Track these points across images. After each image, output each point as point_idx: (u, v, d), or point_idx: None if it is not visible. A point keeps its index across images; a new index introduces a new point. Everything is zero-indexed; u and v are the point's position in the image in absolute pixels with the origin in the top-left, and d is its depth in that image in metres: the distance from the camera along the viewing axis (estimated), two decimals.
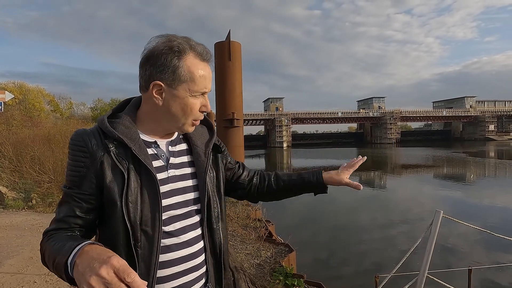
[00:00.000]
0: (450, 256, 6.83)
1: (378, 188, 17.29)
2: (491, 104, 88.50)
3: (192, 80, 0.89)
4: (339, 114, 79.22)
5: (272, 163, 35.11)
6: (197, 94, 0.91)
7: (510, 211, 10.91)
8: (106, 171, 0.84)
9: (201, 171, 0.99)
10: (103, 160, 0.84)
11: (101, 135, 0.87)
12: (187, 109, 0.91)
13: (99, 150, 0.85)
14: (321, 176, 1.26)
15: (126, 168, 0.85)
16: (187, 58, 0.88)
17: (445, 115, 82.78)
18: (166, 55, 0.87)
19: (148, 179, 0.87)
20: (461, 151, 39.91)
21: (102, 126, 0.88)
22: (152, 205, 0.86)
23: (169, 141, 0.99)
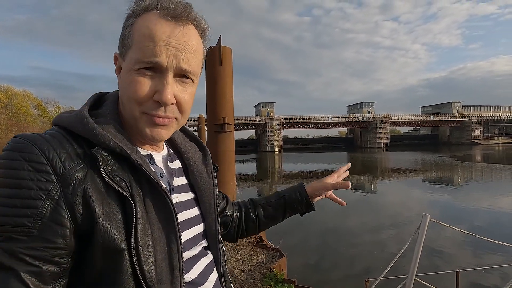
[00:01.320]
0: (438, 259, 6.92)
1: (368, 192, 17.46)
2: (477, 109, 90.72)
3: (135, 42, 0.59)
4: (329, 119, 79.99)
5: (264, 168, 35.12)
6: (140, 67, 0.58)
7: (495, 213, 11.14)
8: (94, 203, 0.52)
9: (207, 195, 0.75)
10: (86, 186, 0.52)
11: (79, 142, 0.56)
12: (129, 89, 0.59)
13: (76, 168, 0.53)
14: (304, 190, 1.02)
15: (128, 192, 0.55)
16: (145, 15, 0.59)
17: (432, 120, 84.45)
18: (127, 17, 0.62)
19: (159, 208, 0.59)
20: (449, 155, 40.67)
21: (82, 127, 0.57)
22: (168, 247, 0.59)
23: (165, 156, 0.72)
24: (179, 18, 0.59)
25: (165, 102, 0.59)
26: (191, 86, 0.64)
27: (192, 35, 0.61)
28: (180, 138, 0.80)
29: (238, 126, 74.04)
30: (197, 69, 0.63)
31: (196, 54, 0.62)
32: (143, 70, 0.58)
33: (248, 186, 20.21)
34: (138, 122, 0.61)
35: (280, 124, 73.15)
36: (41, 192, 0.49)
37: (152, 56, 0.57)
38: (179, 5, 0.59)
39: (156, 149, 0.70)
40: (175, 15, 0.59)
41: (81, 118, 0.57)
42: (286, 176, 26.50)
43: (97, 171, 0.54)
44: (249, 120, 74.99)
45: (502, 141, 77.20)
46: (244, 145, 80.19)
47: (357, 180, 22.78)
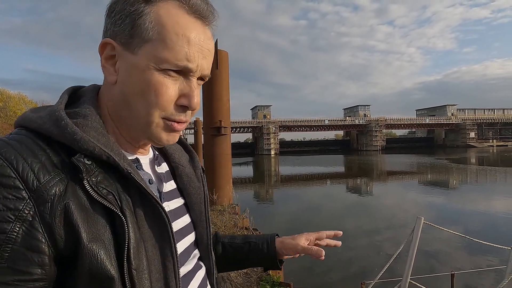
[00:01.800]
0: (433, 261, 6.96)
1: (364, 194, 17.53)
2: (471, 112, 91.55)
3: (162, 39, 0.50)
4: (326, 122, 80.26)
5: (260, 171, 35.13)
6: (170, 68, 0.51)
7: (491, 216, 11.24)
8: (77, 223, 0.43)
9: (197, 202, 0.68)
10: (67, 202, 0.43)
11: (55, 149, 0.46)
12: (149, 92, 0.51)
13: (54, 181, 0.43)
14: (274, 243, 0.86)
15: (118, 206, 0.47)
16: (162, 3, 0.51)
17: (428, 122, 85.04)
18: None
19: (152, 220, 0.52)
20: (444, 158, 40.97)
21: (59, 131, 0.47)
22: (163, 264, 0.53)
23: (151, 158, 0.64)
24: (207, 18, 0.54)
25: (194, 107, 0.54)
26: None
27: (212, 40, 0.56)
28: None
29: (234, 129, 74.04)
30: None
31: (212, 59, 0.57)
32: (170, 72, 0.51)
33: (245, 189, 20.19)
34: (153, 127, 0.53)
35: (277, 127, 73.25)
36: (9, 213, 0.40)
37: (185, 60, 0.51)
38: (209, 5, 0.54)
39: (143, 152, 0.62)
40: (203, 15, 0.53)
41: (56, 119, 0.47)
42: (282, 179, 26.52)
43: (79, 183, 0.45)
44: (245, 123, 75.03)
45: (496, 143, 77.89)
46: (241, 148, 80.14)
47: (354, 182, 22.87)
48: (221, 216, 6.18)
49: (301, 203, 14.72)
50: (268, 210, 13.55)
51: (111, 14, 0.53)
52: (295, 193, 18.28)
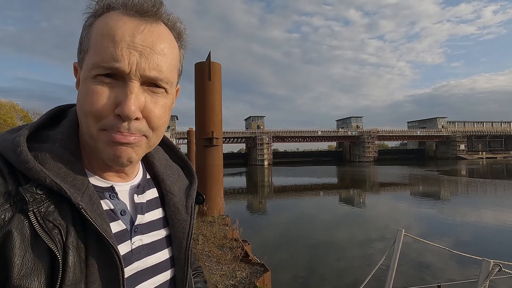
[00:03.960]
0: (421, 272, 6.97)
1: (356, 205, 17.58)
2: (461, 124, 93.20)
3: (92, 44, 0.48)
4: (319, 133, 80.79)
5: (253, 181, 35.02)
6: (97, 73, 0.47)
7: (480, 228, 11.36)
8: (14, 255, 0.40)
9: (180, 235, 0.61)
10: (9, 231, 0.41)
11: (7, 176, 0.44)
12: (85, 102, 0.48)
13: (3, 208, 0.42)
14: None
15: (60, 244, 0.43)
16: (107, 14, 0.49)
17: (419, 134, 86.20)
18: (87, 18, 0.51)
19: (102, 262, 0.47)
20: (435, 170, 41.42)
21: (15, 157, 0.45)
22: None
23: (134, 186, 0.59)
24: (145, 13, 0.48)
25: (128, 116, 0.47)
26: (163, 96, 0.51)
27: (162, 35, 0.50)
28: (162, 161, 0.67)
29: (228, 139, 74.03)
30: (170, 76, 0.51)
31: (167, 58, 0.50)
32: (101, 78, 0.47)
33: (237, 200, 20.07)
34: (96, 141, 0.49)
35: (270, 138, 73.46)
36: None
37: (111, 60, 0.46)
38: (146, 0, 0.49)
39: (124, 178, 0.57)
40: (141, 11, 0.48)
41: (15, 146, 0.45)
42: (276, 190, 26.46)
43: (25, 214, 0.42)
44: (239, 134, 75.12)
45: (486, 155, 79.14)
46: (234, 159, 79.94)
47: (347, 193, 22.93)
48: (210, 227, 6.14)
49: (294, 214, 14.68)
50: (260, 221, 13.47)
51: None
52: (287, 204, 18.24)
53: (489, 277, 1.43)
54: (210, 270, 3.90)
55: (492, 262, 1.51)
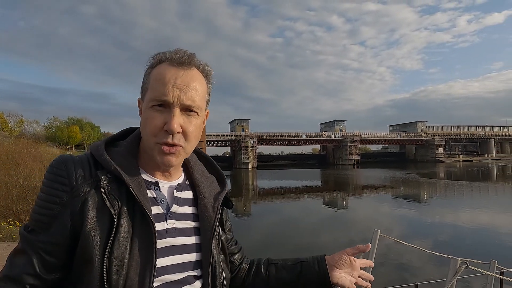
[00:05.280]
0: (400, 273, 7.16)
1: (340, 208, 17.85)
2: (439, 128, 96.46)
3: (151, 86, 0.72)
4: (303, 136, 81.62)
5: (238, 185, 34.95)
6: (153, 104, 0.70)
7: (455, 228, 11.77)
8: (88, 213, 0.64)
9: (207, 228, 0.79)
10: (87, 198, 0.65)
11: (92, 165, 0.70)
12: (145, 125, 0.71)
13: (85, 184, 0.66)
14: (324, 262, 0.92)
15: (117, 210, 0.65)
16: (159, 66, 0.73)
17: (400, 138, 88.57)
18: (146, 69, 0.76)
19: (143, 229, 0.67)
20: (415, 172, 42.62)
21: (97, 153, 0.71)
22: (142, 265, 0.65)
23: (174, 185, 0.79)
24: (183, 64, 0.73)
25: (172, 130, 0.69)
26: (195, 118, 0.74)
27: (194, 77, 0.74)
28: (199, 172, 0.87)
29: (212, 142, 73.64)
30: (201, 104, 0.74)
31: (198, 92, 0.73)
32: (156, 107, 0.70)
33: None
34: (153, 151, 0.72)
35: (255, 141, 73.62)
36: (56, 198, 0.65)
37: (161, 95, 0.69)
38: (184, 54, 0.73)
39: (168, 177, 0.79)
40: (181, 62, 0.72)
41: (97, 146, 0.74)
42: (260, 193, 26.51)
43: (98, 189, 0.66)
44: (224, 137, 74.89)
45: (462, 159, 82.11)
46: (219, 162, 75.45)
47: (331, 196, 23.24)
48: None
49: (278, 217, 14.75)
50: (244, 224, 13.45)
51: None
52: (272, 207, 18.31)
53: (456, 275, 1.50)
54: None
55: (459, 260, 1.59)
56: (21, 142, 13.32)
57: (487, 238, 10.41)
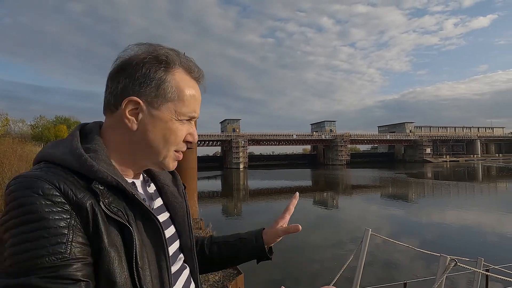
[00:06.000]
0: (389, 271, 7.25)
1: (330, 208, 17.97)
2: (427, 129, 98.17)
3: (181, 99, 0.70)
4: (294, 136, 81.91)
5: (229, 185, 34.86)
6: (184, 119, 0.71)
7: (443, 227, 11.99)
8: (101, 229, 0.57)
9: (181, 215, 0.83)
10: (95, 214, 0.57)
11: (78, 176, 0.60)
12: (170, 136, 0.70)
13: (86, 197, 0.58)
14: (261, 237, 0.99)
15: (126, 220, 0.61)
16: (176, 71, 0.70)
17: (388, 138, 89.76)
18: (150, 65, 0.68)
19: (150, 229, 0.67)
20: (403, 172, 43.27)
21: (81, 163, 0.60)
22: (159, 264, 0.67)
23: (142, 181, 0.79)
24: (200, 79, 0.76)
25: (196, 141, 0.75)
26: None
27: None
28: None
29: (203, 142, 73.21)
30: None
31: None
32: (183, 120, 0.71)
33: (212, 204, 19.89)
34: (167, 158, 0.72)
35: (246, 141, 73.53)
36: (62, 222, 0.53)
37: (193, 112, 0.72)
38: (201, 71, 0.76)
39: (137, 177, 0.77)
40: (199, 78, 0.75)
41: (78, 156, 0.61)
42: (251, 193, 26.49)
43: (98, 202, 0.58)
44: (214, 137, 74.56)
45: (449, 159, 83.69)
46: (210, 162, 79.27)
47: (321, 196, 23.39)
48: None
49: (269, 217, 14.75)
50: (235, 224, 13.42)
51: (131, 75, 0.67)
52: (263, 207, 18.33)
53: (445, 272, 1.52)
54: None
55: (448, 257, 1.61)
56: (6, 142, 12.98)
57: (474, 237, 10.64)
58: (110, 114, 0.70)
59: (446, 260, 1.59)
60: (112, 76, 0.69)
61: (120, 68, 0.68)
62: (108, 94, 0.69)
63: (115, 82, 0.68)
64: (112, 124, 0.70)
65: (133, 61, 0.68)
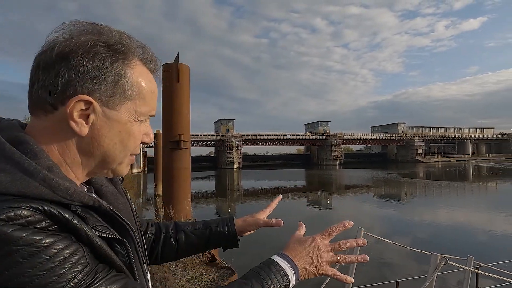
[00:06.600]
0: (382, 270, 7.32)
1: (323, 207, 18.06)
2: (419, 130, 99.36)
3: (141, 97, 0.59)
4: (287, 137, 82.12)
5: (223, 185, 34.78)
6: (144, 118, 0.61)
7: (435, 226, 12.14)
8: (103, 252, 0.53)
9: (127, 215, 0.71)
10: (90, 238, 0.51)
11: (53, 207, 0.48)
12: (129, 140, 0.60)
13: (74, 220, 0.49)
14: (233, 224, 0.96)
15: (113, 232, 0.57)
16: (134, 64, 0.59)
17: (381, 139, 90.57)
18: (103, 56, 0.54)
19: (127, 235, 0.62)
20: (396, 172, 43.68)
21: (52, 188, 0.48)
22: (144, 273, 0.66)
23: (87, 188, 0.68)
24: (156, 72, 0.65)
25: (152, 141, 0.66)
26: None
27: None
28: None
29: (197, 142, 72.97)
30: None
31: None
32: (144, 119, 0.62)
33: (206, 204, 19.82)
34: (122, 164, 0.63)
35: (240, 141, 73.48)
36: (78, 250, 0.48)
37: (153, 110, 0.64)
38: (158, 61, 0.66)
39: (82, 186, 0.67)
40: (156, 69, 0.65)
41: (48, 180, 0.48)
42: (245, 193, 26.47)
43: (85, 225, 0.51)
44: (208, 137, 74.37)
45: (441, 159, 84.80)
46: (203, 162, 78.95)
47: (314, 196, 23.49)
48: None
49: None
50: None
51: (78, 66, 0.53)
52: (257, 207, 18.21)
53: (436, 270, 1.55)
54: (176, 275, 3.80)
55: (439, 256, 1.64)
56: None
57: (464, 235, 10.80)
58: (44, 115, 0.54)
59: (437, 258, 1.62)
60: (47, 65, 0.53)
61: (59, 55, 0.52)
62: (40, 89, 0.53)
63: (52, 74, 0.52)
64: (49, 127, 0.55)
65: (79, 48, 0.53)
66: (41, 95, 0.53)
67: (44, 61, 0.53)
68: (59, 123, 0.54)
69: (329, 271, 0.76)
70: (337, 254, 0.76)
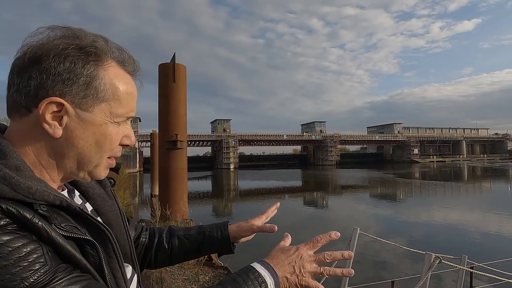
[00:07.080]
0: (377, 269, 7.36)
1: (320, 207, 18.12)
2: (415, 130, 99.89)
3: (116, 98, 0.60)
4: (284, 137, 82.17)
5: (219, 185, 34.74)
6: (121, 120, 0.61)
7: (430, 226, 12.23)
8: (68, 249, 0.51)
9: (115, 218, 0.72)
10: (52, 238, 0.50)
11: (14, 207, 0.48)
12: (104, 142, 0.60)
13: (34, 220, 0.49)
14: (227, 230, 0.95)
15: (81, 233, 0.55)
16: (108, 66, 0.59)
17: (377, 139, 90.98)
18: (74, 58, 0.55)
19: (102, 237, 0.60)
20: (392, 173, 43.90)
21: (13, 187, 0.48)
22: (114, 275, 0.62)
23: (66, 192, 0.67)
24: (134, 73, 0.66)
25: (133, 144, 0.65)
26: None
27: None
28: None
29: (193, 142, 72.80)
30: None
31: None
32: (121, 121, 0.62)
33: (203, 204, 19.79)
34: (98, 167, 0.62)
35: (236, 141, 73.40)
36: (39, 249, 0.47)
37: (131, 112, 0.64)
38: (136, 63, 0.66)
39: (62, 188, 0.65)
40: (133, 71, 0.65)
41: (8, 179, 0.49)
42: (242, 193, 26.45)
43: (51, 227, 0.50)
44: (205, 137, 74.19)
45: (436, 159, 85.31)
46: (200, 162, 78.77)
47: (311, 196, 23.54)
48: None
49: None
50: None
51: (49, 69, 0.54)
52: (253, 207, 18.31)
53: (431, 269, 1.56)
54: (172, 275, 3.80)
55: (433, 255, 1.66)
56: None
57: (458, 235, 10.89)
58: (20, 118, 0.56)
59: (431, 257, 1.64)
60: (20, 69, 0.54)
61: (31, 59, 0.54)
62: (15, 92, 0.55)
63: (25, 77, 0.54)
64: (25, 130, 0.56)
65: (51, 51, 0.54)
66: (16, 98, 0.55)
67: (18, 66, 0.55)
68: (34, 126, 0.55)
69: (312, 283, 0.73)
70: (321, 266, 0.73)
